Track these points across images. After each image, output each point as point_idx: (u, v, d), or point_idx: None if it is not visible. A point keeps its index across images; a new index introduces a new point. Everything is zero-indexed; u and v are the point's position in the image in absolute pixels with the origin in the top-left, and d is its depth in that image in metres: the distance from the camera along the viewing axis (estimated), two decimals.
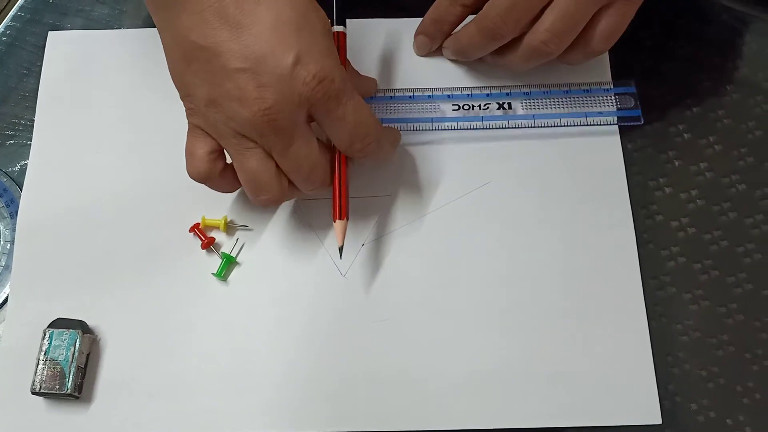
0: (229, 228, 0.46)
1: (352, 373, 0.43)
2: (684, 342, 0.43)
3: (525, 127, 0.47)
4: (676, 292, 0.44)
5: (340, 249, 0.42)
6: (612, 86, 0.47)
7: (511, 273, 0.44)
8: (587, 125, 0.46)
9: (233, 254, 0.45)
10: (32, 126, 0.49)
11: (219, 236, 0.46)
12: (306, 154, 0.39)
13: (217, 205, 0.46)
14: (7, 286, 0.46)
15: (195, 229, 0.46)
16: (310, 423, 0.42)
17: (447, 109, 0.47)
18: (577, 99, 0.47)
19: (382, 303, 0.44)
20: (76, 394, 0.42)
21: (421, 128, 0.47)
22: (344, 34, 0.44)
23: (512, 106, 0.47)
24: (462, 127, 0.47)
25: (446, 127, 0.47)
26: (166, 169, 0.47)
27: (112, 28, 0.52)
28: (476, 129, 0.47)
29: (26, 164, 0.48)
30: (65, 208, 0.47)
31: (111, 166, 0.48)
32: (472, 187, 0.46)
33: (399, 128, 0.47)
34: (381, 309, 0.44)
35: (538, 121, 0.46)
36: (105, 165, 0.48)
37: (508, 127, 0.47)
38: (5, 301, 0.45)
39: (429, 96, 0.48)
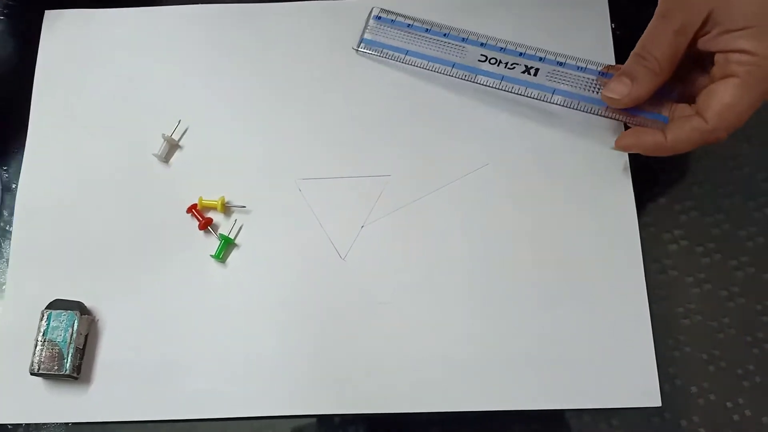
0: (227, 208, 0.46)
1: (350, 356, 0.43)
2: (685, 325, 0.43)
3: (539, 99, 0.45)
4: (678, 276, 0.44)
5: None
6: None
7: (512, 256, 0.44)
8: (598, 115, 0.45)
9: (231, 236, 0.45)
10: None
11: (217, 217, 0.46)
12: None
13: (215, 186, 0.46)
14: None
15: (192, 209, 0.45)
16: (307, 406, 0.42)
17: (474, 56, 0.46)
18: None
19: (381, 286, 0.44)
20: (74, 375, 0.42)
21: (439, 70, 0.46)
22: None
23: (538, 73, 0.46)
24: (478, 82, 0.46)
25: (463, 77, 0.46)
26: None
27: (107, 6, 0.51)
28: (491, 87, 0.46)
29: None
30: (63, 190, 0.47)
31: (108, 148, 0.47)
32: (473, 168, 0.46)
33: (420, 65, 0.47)
34: (380, 292, 0.44)
35: (555, 97, 0.45)
36: (102, 146, 0.47)
37: (523, 95, 0.45)
38: None
39: (463, 39, 0.47)
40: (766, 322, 0.43)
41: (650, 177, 0.45)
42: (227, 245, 0.45)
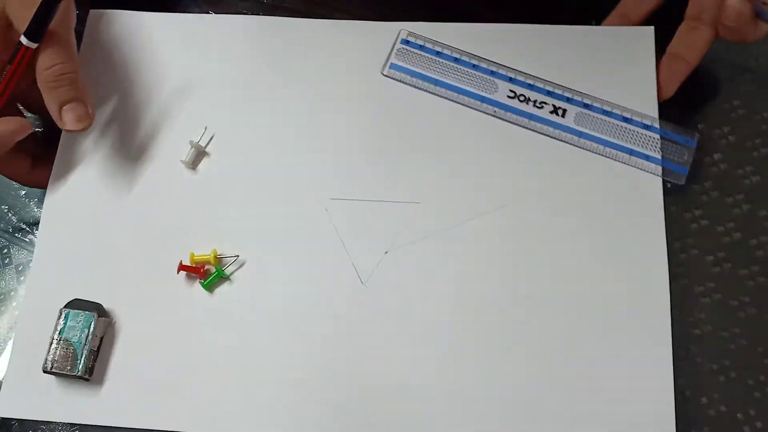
0: (219, 260, 0.45)
1: (362, 383, 0.42)
2: (696, 335, 0.42)
3: (567, 143, 0.45)
4: (711, 330, 0.43)
5: None
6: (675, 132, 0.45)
7: (535, 295, 0.43)
8: (623, 163, 0.45)
9: (228, 271, 0.45)
10: None
11: (237, 241, 0.46)
12: None
13: (241, 197, 0.46)
14: None
15: (183, 268, 0.45)
16: (315, 430, 0.42)
17: (503, 92, 0.46)
18: (630, 131, 0.45)
19: (399, 315, 0.43)
20: (86, 376, 0.42)
21: (467, 103, 0.46)
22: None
23: (566, 114, 0.46)
24: (507, 119, 0.46)
25: (493, 113, 0.46)
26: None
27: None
28: (518, 126, 0.46)
29: None
30: (92, 190, 0.47)
31: (138, 151, 0.48)
32: (503, 203, 0.45)
33: (449, 96, 0.46)
34: (398, 321, 0.43)
35: (582, 141, 0.45)
36: (132, 150, 0.48)
37: (550, 136, 0.45)
38: None
39: (492, 72, 0.47)
40: None
41: (683, 229, 0.45)
42: (219, 277, 0.44)
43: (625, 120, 0.45)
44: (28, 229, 0.49)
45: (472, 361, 0.42)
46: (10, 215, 0.49)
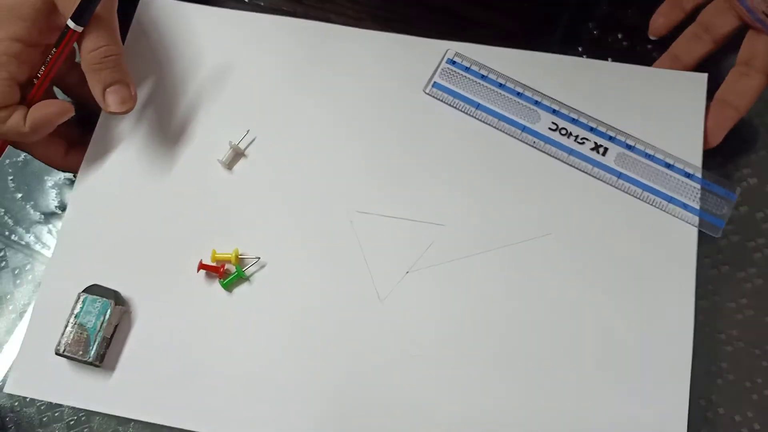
0: (240, 260, 0.45)
1: (370, 401, 0.42)
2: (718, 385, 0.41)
3: (604, 182, 0.44)
4: (734, 379, 0.42)
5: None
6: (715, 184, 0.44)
7: (555, 330, 0.42)
8: (660, 209, 0.44)
9: (248, 272, 0.44)
10: None
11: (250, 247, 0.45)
12: None
13: (272, 200, 0.46)
14: None
15: (203, 267, 0.44)
16: None
17: (545, 123, 0.45)
18: (671, 178, 0.44)
19: (415, 336, 0.43)
20: (97, 363, 0.42)
21: (507, 131, 0.46)
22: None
23: (607, 153, 0.45)
24: (546, 152, 0.45)
25: (532, 143, 0.45)
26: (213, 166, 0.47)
27: None
28: (556, 159, 0.45)
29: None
30: (123, 179, 0.47)
31: (174, 145, 0.48)
32: (530, 235, 0.44)
33: (489, 122, 0.46)
34: (413, 342, 0.43)
35: (620, 182, 0.44)
36: (169, 142, 0.48)
37: (588, 174, 0.45)
38: None
39: (536, 101, 0.46)
40: None
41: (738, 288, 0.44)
42: (238, 277, 0.44)
43: (667, 166, 0.44)
44: (24, 231, 0.49)
45: (485, 387, 0.42)
46: (6, 218, 0.50)
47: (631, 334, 0.42)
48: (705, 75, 0.46)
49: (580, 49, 0.49)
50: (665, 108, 0.45)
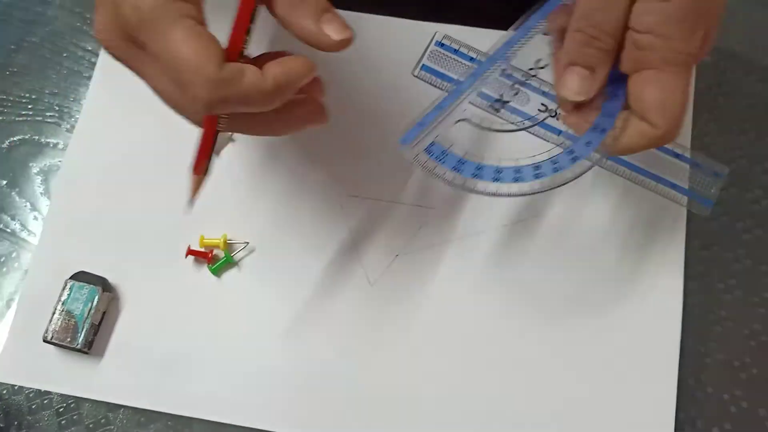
0: (229, 245, 0.44)
1: (358, 384, 0.42)
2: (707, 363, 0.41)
3: (591, 162, 0.44)
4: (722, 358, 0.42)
5: (190, 202, 0.37)
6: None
7: (544, 308, 0.43)
8: (649, 190, 0.43)
9: (236, 258, 0.44)
10: (20, 103, 0.50)
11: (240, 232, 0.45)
12: (156, 87, 0.33)
13: (258, 185, 0.46)
14: None
15: (191, 253, 0.44)
16: (309, 426, 0.41)
17: (534, 105, 0.45)
18: (659, 158, 0.43)
19: (404, 319, 0.43)
20: (85, 350, 0.42)
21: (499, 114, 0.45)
22: None
23: None
24: (535, 133, 0.44)
25: (521, 125, 0.45)
26: None
27: None
28: (545, 141, 0.45)
29: (15, 141, 0.49)
30: (109, 164, 0.47)
31: (162, 129, 0.47)
32: (522, 217, 0.44)
33: (476, 104, 0.44)
34: (402, 325, 0.43)
35: (608, 163, 0.44)
36: (156, 127, 0.47)
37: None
38: None
39: (524, 83, 0.46)
40: None
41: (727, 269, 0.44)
42: (227, 263, 0.44)
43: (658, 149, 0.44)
44: (10, 219, 0.48)
45: (474, 368, 0.42)
46: None
47: (620, 315, 0.42)
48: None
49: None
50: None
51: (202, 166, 0.35)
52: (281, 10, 0.32)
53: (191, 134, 0.46)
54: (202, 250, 0.44)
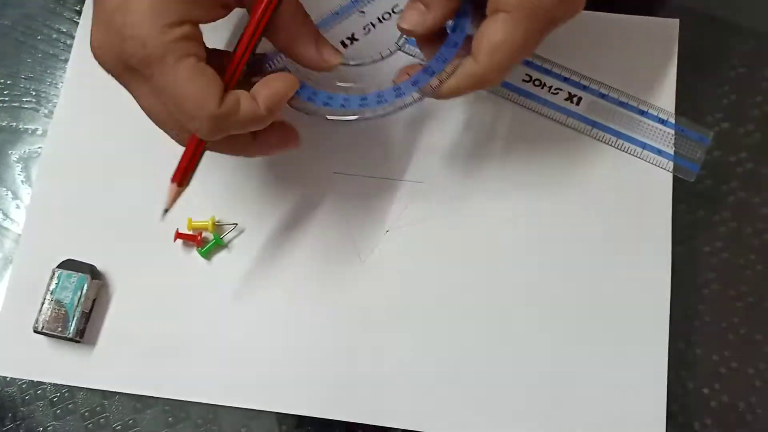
0: (217, 227, 0.44)
1: (352, 362, 0.42)
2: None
3: (579, 131, 0.44)
4: (710, 320, 0.43)
5: (165, 211, 0.37)
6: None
7: (534, 280, 0.43)
8: (635, 156, 0.44)
9: (225, 239, 0.44)
10: None
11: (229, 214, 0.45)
12: (147, 107, 0.34)
13: (245, 167, 0.45)
14: None
15: (180, 236, 0.44)
16: (303, 406, 0.42)
17: (518, 75, 0.45)
18: (645, 125, 0.44)
19: (397, 295, 0.43)
20: (77, 338, 0.42)
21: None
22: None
23: (581, 102, 0.44)
24: (520, 103, 0.45)
25: (505, 95, 0.45)
26: None
27: None
28: (531, 110, 0.45)
29: None
30: (92, 148, 0.46)
31: (142, 112, 0.46)
32: (510, 187, 0.44)
33: None
34: (395, 301, 0.43)
35: (594, 131, 0.44)
36: (138, 110, 0.46)
37: (563, 123, 0.44)
38: None
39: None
40: None
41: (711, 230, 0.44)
42: (216, 245, 0.44)
43: (641, 113, 0.44)
44: None
45: (468, 343, 0.42)
46: None
47: (610, 281, 0.43)
48: (677, 20, 0.46)
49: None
50: (637, 55, 0.45)
51: (185, 179, 0.37)
52: (284, 42, 0.36)
53: None
54: (191, 233, 0.44)
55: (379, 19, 0.42)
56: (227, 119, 0.33)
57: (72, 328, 0.41)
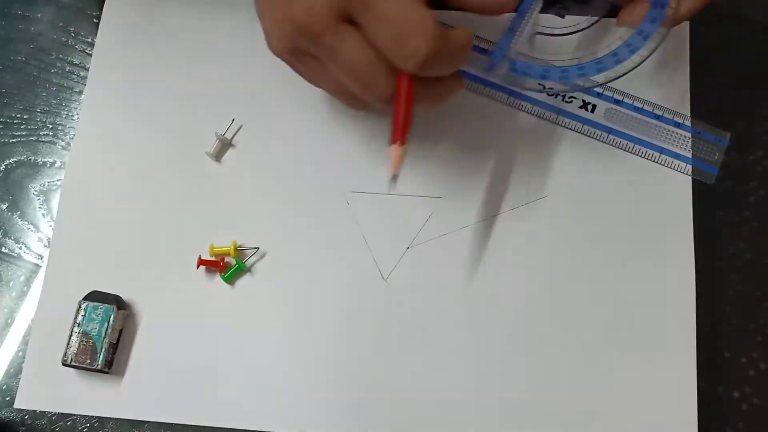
0: (239, 252, 0.44)
1: (381, 381, 0.42)
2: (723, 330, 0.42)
3: (595, 139, 0.44)
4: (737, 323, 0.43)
5: (394, 177, 0.37)
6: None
7: (559, 292, 0.43)
8: (653, 161, 0.44)
9: (247, 263, 0.44)
10: (13, 124, 0.49)
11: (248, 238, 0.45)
12: (356, 59, 0.34)
13: (263, 189, 0.45)
14: None
15: (202, 263, 0.44)
16: (334, 428, 0.42)
17: (533, 84, 0.45)
18: (661, 129, 0.44)
19: (421, 312, 0.43)
20: (105, 369, 0.42)
21: (495, 96, 0.45)
22: None
23: (596, 110, 0.45)
24: (535, 114, 0.45)
25: (519, 106, 0.45)
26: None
27: None
28: (546, 120, 0.45)
29: (11, 163, 0.49)
30: (112, 179, 0.46)
31: (161, 141, 0.46)
32: (529, 199, 0.44)
33: (474, 89, 0.45)
34: (420, 318, 0.43)
35: (611, 138, 0.44)
36: (155, 139, 0.47)
37: (579, 132, 0.44)
38: None
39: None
40: None
41: (713, 240, 0.44)
42: (239, 270, 0.44)
43: (656, 117, 0.44)
44: (14, 243, 0.47)
45: (493, 354, 0.42)
46: None
47: (634, 288, 0.42)
48: (686, 23, 0.45)
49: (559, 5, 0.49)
50: (651, 60, 0.45)
51: (404, 135, 0.36)
52: None
53: (193, 141, 0.46)
54: (213, 258, 0.44)
55: None
56: (443, 40, 0.33)
57: (100, 359, 0.42)
